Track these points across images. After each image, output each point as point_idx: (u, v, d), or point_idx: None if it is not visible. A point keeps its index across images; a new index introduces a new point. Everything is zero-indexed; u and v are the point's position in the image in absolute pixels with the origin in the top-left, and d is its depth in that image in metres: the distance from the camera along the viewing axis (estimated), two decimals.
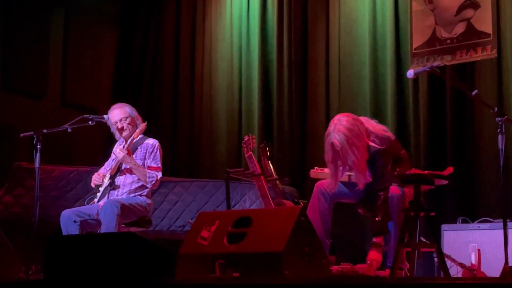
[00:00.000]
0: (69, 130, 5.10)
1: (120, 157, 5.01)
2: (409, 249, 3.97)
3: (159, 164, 5.13)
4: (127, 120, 5.15)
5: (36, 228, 4.80)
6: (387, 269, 4.22)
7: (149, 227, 5.22)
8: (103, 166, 5.31)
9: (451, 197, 6.02)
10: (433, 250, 4.43)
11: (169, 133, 7.73)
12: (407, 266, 4.06)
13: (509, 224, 4.53)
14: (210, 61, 7.70)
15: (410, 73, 4.55)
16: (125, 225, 4.96)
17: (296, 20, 7.17)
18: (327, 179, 4.64)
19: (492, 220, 5.32)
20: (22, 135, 5.11)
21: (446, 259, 4.26)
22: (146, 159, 5.13)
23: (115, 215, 4.70)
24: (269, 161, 5.34)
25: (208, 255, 3.44)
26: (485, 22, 6.13)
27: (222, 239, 3.48)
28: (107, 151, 5.35)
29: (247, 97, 7.35)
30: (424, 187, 4.11)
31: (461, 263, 5.04)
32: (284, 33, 7.19)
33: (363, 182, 4.45)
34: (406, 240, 3.98)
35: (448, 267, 4.16)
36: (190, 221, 5.83)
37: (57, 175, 6.04)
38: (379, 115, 6.28)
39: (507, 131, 4.62)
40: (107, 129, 5.35)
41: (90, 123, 5.11)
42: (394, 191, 4.42)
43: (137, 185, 5.08)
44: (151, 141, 5.20)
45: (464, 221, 5.48)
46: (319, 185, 4.62)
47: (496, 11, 6.09)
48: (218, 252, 3.42)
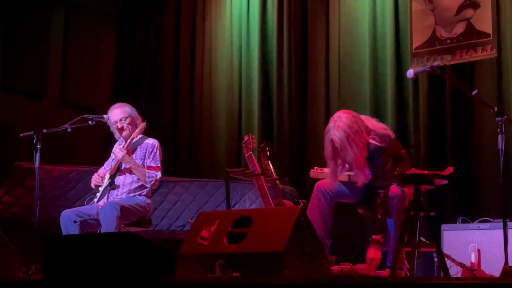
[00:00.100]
0: (69, 130, 5.10)
1: (119, 156, 5.01)
2: (409, 249, 3.97)
3: (159, 164, 5.13)
4: (127, 120, 5.15)
5: (36, 228, 4.80)
6: (387, 269, 4.22)
7: (149, 227, 5.22)
8: (103, 166, 5.31)
9: (451, 197, 6.02)
10: (433, 250, 4.43)
11: (169, 133, 7.73)
12: (407, 266, 4.07)
13: (509, 224, 4.53)
14: (210, 61, 7.70)
15: (410, 73, 4.55)
16: (125, 225, 4.96)
17: (296, 20, 7.17)
18: (327, 179, 4.64)
19: (492, 220, 5.32)
20: (22, 135, 5.11)
21: (446, 259, 4.26)
22: (145, 159, 5.13)
23: (115, 217, 4.69)
24: (269, 161, 5.34)
25: (208, 255, 3.44)
26: (485, 22, 6.14)
27: (222, 239, 3.48)
28: (107, 151, 5.34)
29: (247, 97, 7.35)
30: (424, 187, 4.11)
31: (461, 263, 5.04)
32: (284, 33, 7.19)
33: (362, 179, 4.45)
34: (406, 240, 3.98)
35: (448, 267, 4.16)
36: (190, 221, 5.83)
37: (57, 175, 6.04)
38: (379, 115, 6.26)
39: (507, 131, 4.61)
40: (107, 129, 5.35)
41: (90, 123, 5.11)
42: (394, 191, 4.42)
43: (136, 185, 5.08)
44: (150, 141, 5.20)
45: (464, 221, 5.48)
46: (319, 185, 4.62)
47: (496, 11, 6.09)
48: (218, 252, 3.42)
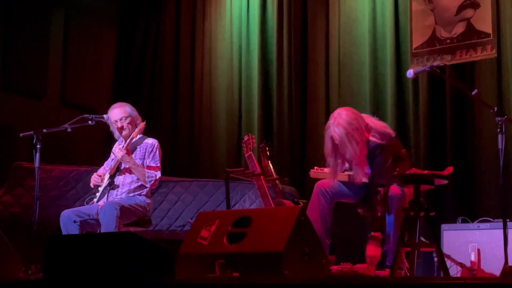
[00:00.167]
0: (69, 129, 5.10)
1: (119, 156, 5.00)
2: (409, 249, 3.97)
3: (158, 163, 5.13)
4: (127, 119, 5.15)
5: (35, 228, 4.80)
6: (386, 269, 4.21)
7: (148, 227, 5.22)
8: (103, 166, 5.30)
9: (451, 197, 6.02)
10: (433, 250, 4.43)
11: (169, 133, 7.73)
12: (406, 265, 4.06)
13: (509, 224, 4.52)
14: (210, 61, 7.70)
15: (410, 73, 4.55)
16: (125, 225, 4.96)
17: (296, 20, 7.17)
18: (327, 179, 4.64)
19: (492, 220, 5.32)
20: (22, 134, 5.10)
21: (446, 259, 4.26)
22: (145, 159, 5.13)
23: (115, 217, 4.69)
24: (269, 161, 5.34)
25: (208, 255, 3.44)
26: (485, 22, 6.14)
27: (222, 239, 3.47)
28: (107, 151, 5.34)
29: (247, 96, 7.35)
30: (424, 187, 4.11)
31: (461, 263, 5.04)
32: (284, 33, 7.19)
33: (361, 176, 4.45)
34: (406, 239, 3.98)
35: (447, 267, 4.16)
36: (190, 220, 5.83)
37: (57, 174, 6.04)
38: (378, 115, 6.21)
39: (507, 131, 4.61)
40: (106, 129, 5.35)
41: (90, 122, 5.11)
42: (394, 191, 4.42)
43: (136, 184, 5.07)
44: (150, 141, 5.19)
45: (464, 221, 5.48)
46: (319, 184, 4.62)
47: (496, 11, 6.09)
48: (218, 252, 3.42)
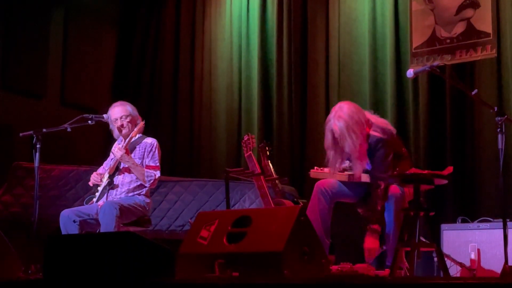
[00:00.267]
0: (69, 129, 5.10)
1: (118, 156, 5.00)
2: (408, 249, 3.97)
3: (158, 163, 5.12)
4: (128, 118, 5.14)
5: (35, 227, 4.79)
6: (386, 269, 4.21)
7: (148, 227, 5.22)
8: (102, 165, 5.30)
9: (451, 196, 6.02)
10: (433, 249, 4.43)
11: (169, 132, 7.73)
12: (406, 265, 4.06)
13: (509, 223, 4.53)
14: (209, 60, 7.70)
15: (410, 73, 4.56)
16: (124, 225, 4.95)
17: (295, 19, 7.17)
18: (327, 179, 4.64)
19: (491, 219, 5.32)
20: (21, 134, 5.10)
21: (445, 259, 4.26)
22: (144, 158, 5.12)
23: (114, 217, 4.69)
24: (269, 161, 5.34)
25: (207, 254, 3.44)
26: (485, 21, 6.14)
27: (221, 238, 3.47)
28: (107, 151, 5.34)
29: (246, 96, 7.35)
30: (423, 187, 4.11)
31: (460, 263, 5.04)
32: (283, 33, 7.19)
33: (360, 170, 4.46)
34: (405, 239, 3.98)
35: (447, 266, 4.16)
36: (189, 220, 5.83)
37: (57, 174, 6.04)
38: (378, 114, 6.27)
39: (507, 131, 4.61)
40: (106, 129, 5.34)
41: (89, 122, 5.10)
42: (394, 190, 4.42)
43: (135, 184, 5.07)
44: (149, 140, 5.19)
45: (463, 221, 5.48)
46: (319, 184, 4.62)
47: (496, 10, 6.09)
48: (217, 251, 3.42)
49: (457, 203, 6.01)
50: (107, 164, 5.23)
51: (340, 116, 4.44)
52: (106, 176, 5.10)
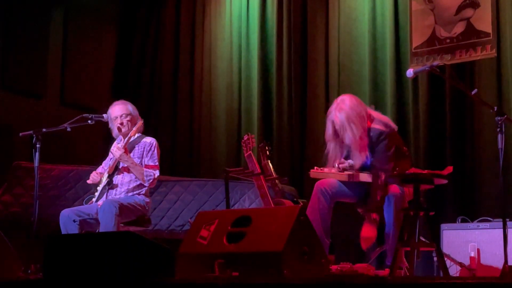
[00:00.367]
0: (69, 129, 5.10)
1: (117, 155, 5.00)
2: (408, 249, 3.97)
3: (157, 162, 5.12)
4: (128, 117, 5.14)
5: (35, 227, 4.79)
6: (386, 269, 4.21)
7: (148, 227, 5.22)
8: (101, 165, 5.30)
9: (451, 196, 6.02)
10: (433, 249, 4.44)
11: (169, 132, 7.73)
12: (406, 265, 4.06)
13: (509, 223, 4.52)
14: (209, 60, 7.70)
15: (409, 73, 4.56)
16: (124, 224, 4.95)
17: (295, 19, 7.17)
18: (327, 178, 4.64)
19: (491, 219, 5.32)
20: (21, 134, 5.10)
21: (445, 259, 4.26)
22: (143, 158, 5.12)
23: (114, 215, 4.69)
24: (269, 161, 5.34)
25: (207, 254, 3.44)
26: (484, 21, 6.14)
27: (221, 238, 3.47)
28: (106, 150, 5.34)
29: (246, 96, 7.35)
30: (423, 187, 4.11)
31: (460, 263, 5.04)
32: (283, 33, 7.18)
33: (359, 161, 4.46)
34: (405, 239, 3.98)
35: (447, 266, 4.16)
36: (189, 220, 5.83)
37: (57, 174, 6.04)
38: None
39: (507, 131, 4.61)
40: (106, 128, 5.34)
41: (89, 122, 5.10)
42: (394, 190, 4.42)
43: (135, 183, 5.07)
44: (148, 140, 5.19)
45: (463, 221, 5.48)
46: (319, 184, 4.62)
47: (495, 10, 6.09)
48: (217, 251, 3.42)
49: (457, 203, 6.01)
50: (106, 163, 5.23)
51: (341, 108, 4.47)
52: (105, 175, 5.10)
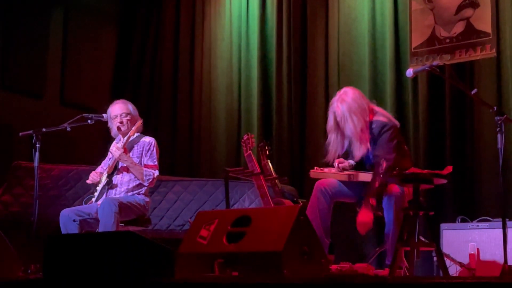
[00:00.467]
0: (68, 129, 5.10)
1: (116, 155, 5.00)
2: (408, 248, 3.97)
3: (156, 162, 5.12)
4: (128, 116, 5.14)
5: (35, 227, 4.80)
6: (386, 268, 4.22)
7: (148, 226, 5.22)
8: (100, 165, 5.29)
9: (450, 196, 6.02)
10: (432, 249, 4.44)
11: (169, 132, 7.73)
12: (406, 265, 4.07)
13: (508, 223, 4.53)
14: (209, 60, 7.70)
15: (409, 72, 4.56)
16: (124, 224, 4.95)
17: (295, 19, 7.17)
18: (327, 178, 4.65)
19: (491, 219, 5.32)
20: (21, 134, 5.10)
21: (445, 258, 4.26)
22: (142, 157, 5.12)
23: (113, 213, 4.69)
24: (268, 160, 5.34)
25: (207, 254, 3.44)
26: (484, 21, 6.14)
27: (221, 238, 3.48)
28: (106, 150, 5.34)
29: (246, 96, 7.35)
30: (423, 186, 4.11)
31: (460, 262, 5.04)
32: (283, 33, 7.18)
33: (360, 152, 4.46)
34: (405, 239, 3.98)
35: (447, 266, 4.16)
36: (189, 220, 5.83)
37: (56, 174, 6.04)
38: None
39: (506, 130, 4.62)
40: (106, 128, 5.34)
41: (89, 122, 5.11)
42: (393, 190, 4.42)
43: (134, 183, 5.07)
44: (147, 139, 5.19)
45: (463, 220, 5.48)
46: (319, 184, 4.63)
47: (495, 10, 6.09)
48: (217, 251, 3.42)
49: (456, 202, 6.01)
50: (106, 163, 5.23)
51: (343, 99, 4.49)
52: (104, 175, 5.10)
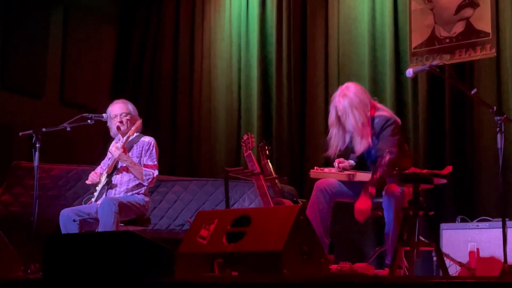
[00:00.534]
0: (68, 129, 5.10)
1: (116, 155, 5.00)
2: (408, 248, 3.97)
3: (155, 162, 5.12)
4: (127, 116, 5.14)
5: (35, 227, 4.80)
6: (386, 268, 4.22)
7: (148, 226, 5.22)
8: (99, 165, 5.29)
9: (450, 196, 6.02)
10: (432, 249, 4.43)
11: (168, 132, 7.73)
12: (405, 265, 4.07)
13: (508, 223, 4.53)
14: (209, 60, 7.70)
15: (409, 72, 4.56)
16: (124, 224, 4.95)
17: (295, 19, 7.17)
18: (326, 178, 4.65)
19: (491, 219, 5.32)
20: (21, 134, 5.10)
21: (445, 258, 4.26)
22: (142, 157, 5.11)
23: (113, 213, 4.69)
24: (268, 160, 5.34)
25: (207, 254, 3.44)
26: (484, 21, 6.14)
27: (221, 238, 3.48)
28: (106, 150, 5.34)
29: (246, 96, 7.35)
30: (423, 186, 4.11)
31: (460, 262, 5.04)
32: (283, 32, 7.18)
33: (361, 146, 4.47)
34: (405, 239, 3.98)
35: (447, 266, 4.16)
36: (189, 220, 5.83)
37: (56, 174, 6.04)
38: None
39: (506, 130, 4.62)
40: (106, 128, 5.34)
41: (89, 121, 5.11)
42: (393, 189, 4.42)
43: (134, 183, 5.06)
44: (147, 139, 5.18)
45: (463, 220, 5.49)
46: (318, 184, 4.63)
47: (495, 10, 6.09)
48: (217, 251, 3.42)
49: (456, 202, 6.01)
50: (105, 163, 5.22)
51: (345, 94, 4.51)
52: (104, 175, 5.10)
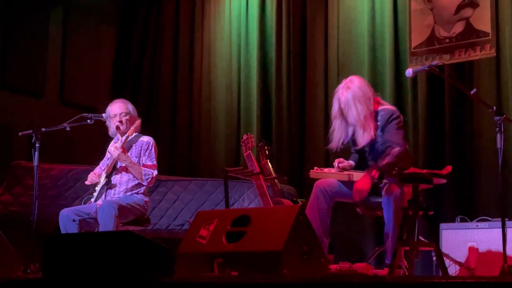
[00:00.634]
0: (68, 128, 5.10)
1: (115, 155, 5.00)
2: (407, 248, 3.98)
3: (155, 161, 5.12)
4: (127, 116, 5.14)
5: (34, 226, 4.79)
6: (385, 268, 4.22)
7: (147, 226, 5.22)
8: (98, 165, 5.29)
9: (450, 196, 6.02)
10: (432, 249, 4.44)
11: (168, 132, 7.73)
12: (405, 264, 4.07)
13: (508, 223, 4.53)
14: (209, 60, 7.70)
15: (409, 72, 4.56)
16: (124, 224, 4.95)
17: (295, 19, 7.17)
18: (326, 178, 4.65)
19: (490, 219, 5.32)
20: (20, 133, 5.10)
21: (444, 258, 4.26)
22: (141, 157, 5.11)
23: (113, 217, 4.68)
24: (268, 160, 5.34)
25: (206, 254, 3.44)
26: (484, 21, 6.14)
27: (220, 238, 3.48)
28: (106, 150, 5.34)
29: (246, 96, 7.35)
30: (422, 186, 4.11)
31: (459, 262, 5.04)
32: (283, 32, 7.18)
33: (363, 139, 4.48)
34: (404, 238, 3.99)
35: (446, 266, 4.17)
36: (188, 220, 5.83)
37: (56, 173, 6.04)
38: None
39: (506, 130, 4.62)
40: (106, 128, 5.34)
41: (88, 121, 5.10)
42: (393, 189, 4.42)
43: (133, 183, 5.06)
44: (146, 139, 5.18)
45: (462, 220, 5.48)
46: (318, 183, 4.62)
47: (495, 10, 6.09)
48: (216, 251, 3.42)
49: (456, 202, 6.01)
50: (104, 163, 5.22)
51: (349, 86, 4.53)
52: (103, 175, 5.09)
